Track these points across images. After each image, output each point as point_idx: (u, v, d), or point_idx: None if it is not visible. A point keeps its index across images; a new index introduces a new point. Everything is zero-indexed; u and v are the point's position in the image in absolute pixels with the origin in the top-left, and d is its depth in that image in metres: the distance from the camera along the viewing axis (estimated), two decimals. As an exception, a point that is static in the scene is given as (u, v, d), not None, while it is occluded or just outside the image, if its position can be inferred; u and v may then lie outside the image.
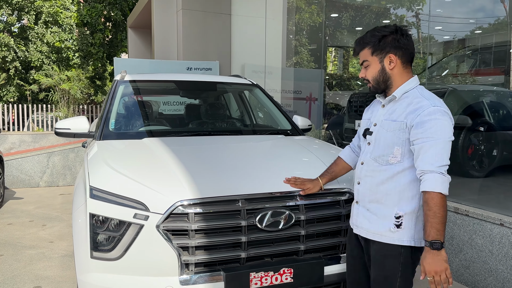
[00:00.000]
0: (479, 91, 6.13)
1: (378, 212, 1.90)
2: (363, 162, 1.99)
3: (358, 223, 2.00)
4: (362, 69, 1.94)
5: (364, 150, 2.02)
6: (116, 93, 3.50)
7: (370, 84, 1.95)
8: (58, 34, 17.39)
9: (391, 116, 1.88)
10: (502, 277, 3.14)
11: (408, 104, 1.84)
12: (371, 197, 1.93)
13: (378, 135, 1.92)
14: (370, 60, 1.90)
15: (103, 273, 2.11)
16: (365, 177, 1.96)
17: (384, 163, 1.88)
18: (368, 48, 1.89)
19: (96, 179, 2.28)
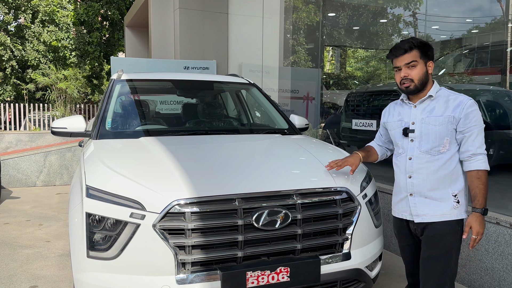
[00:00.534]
0: (475, 90, 6.15)
1: (438, 196, 2.16)
2: (411, 157, 2.21)
3: (418, 212, 2.21)
4: (404, 69, 2.15)
5: (406, 147, 2.24)
6: (112, 92, 3.49)
7: (411, 84, 2.16)
8: (54, 33, 17.33)
9: (434, 113, 2.16)
10: (498, 275, 3.16)
11: (446, 101, 2.16)
12: (429, 185, 2.17)
13: (424, 131, 2.17)
14: (419, 61, 2.14)
15: (99, 272, 2.10)
16: (418, 169, 2.19)
17: (436, 154, 2.16)
18: (416, 50, 2.13)
19: (93, 178, 2.28)
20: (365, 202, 2.49)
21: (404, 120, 2.27)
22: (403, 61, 2.16)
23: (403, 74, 2.16)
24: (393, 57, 2.21)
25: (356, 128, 6.15)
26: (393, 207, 2.40)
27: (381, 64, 14.94)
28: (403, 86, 2.19)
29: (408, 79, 2.16)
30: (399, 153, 2.30)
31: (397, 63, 2.19)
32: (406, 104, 2.29)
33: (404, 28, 13.20)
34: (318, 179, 2.44)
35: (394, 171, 2.37)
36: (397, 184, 2.34)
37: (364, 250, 2.44)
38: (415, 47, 2.14)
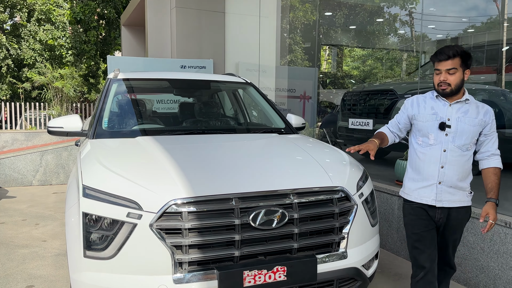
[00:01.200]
0: (471, 89, 6.16)
1: (460, 186, 2.47)
2: (445, 149, 2.44)
3: (442, 198, 2.46)
4: (444, 73, 2.37)
5: (441, 140, 2.45)
6: (109, 91, 3.48)
7: (448, 87, 2.38)
8: (51, 32, 17.26)
9: (468, 115, 2.43)
10: (493, 274, 3.18)
11: (477, 107, 2.46)
12: (458, 176, 2.45)
13: (459, 128, 2.42)
14: (458, 69, 2.36)
15: (96, 272, 2.10)
16: (451, 161, 2.43)
17: (465, 150, 2.44)
18: (459, 58, 2.34)
19: (89, 178, 2.27)
20: (361, 201, 2.50)
21: (439, 115, 2.46)
22: (445, 67, 2.36)
23: (442, 78, 2.38)
24: (436, 60, 2.40)
25: (353, 127, 6.16)
26: (411, 192, 2.56)
27: (378, 63, 14.97)
28: (440, 88, 2.40)
29: (446, 83, 2.37)
30: (430, 144, 2.48)
31: (439, 66, 2.39)
32: (441, 100, 2.48)
33: (400, 27, 13.24)
34: (315, 179, 2.45)
35: (418, 159, 2.52)
36: (422, 172, 2.50)
37: (360, 249, 2.45)
38: (458, 55, 2.34)
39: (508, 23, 7.65)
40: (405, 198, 2.60)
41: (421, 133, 2.53)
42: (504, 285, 3.10)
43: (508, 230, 3.06)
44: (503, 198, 4.08)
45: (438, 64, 2.39)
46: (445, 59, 2.34)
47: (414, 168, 2.56)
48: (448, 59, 2.34)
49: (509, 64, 6.82)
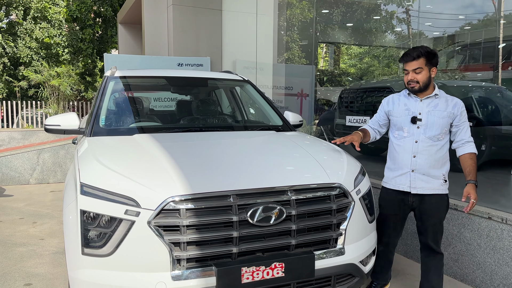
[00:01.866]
0: (467, 86, 6.19)
1: (433, 174, 2.71)
2: (417, 140, 2.71)
3: (416, 185, 2.73)
4: (411, 73, 2.65)
5: (413, 132, 2.72)
6: (106, 89, 3.47)
7: (416, 85, 2.66)
8: (47, 30, 17.18)
9: (437, 108, 2.69)
10: (490, 269, 3.20)
11: (446, 100, 2.72)
12: (429, 164, 2.69)
13: (429, 121, 2.68)
14: (424, 68, 2.63)
15: (94, 269, 2.10)
16: (422, 151, 2.69)
17: (436, 140, 2.69)
18: (423, 58, 2.62)
19: (87, 176, 2.27)
20: (358, 197, 2.51)
21: (411, 110, 2.75)
22: (412, 67, 2.65)
23: (410, 77, 2.66)
24: (403, 62, 2.69)
25: (350, 124, 6.18)
26: (389, 180, 2.87)
27: (375, 61, 14.99)
28: (410, 86, 2.69)
29: (414, 81, 2.66)
30: (404, 136, 2.76)
31: (406, 67, 2.68)
32: (412, 97, 2.77)
33: (397, 24, 13.25)
34: (312, 175, 2.45)
35: (395, 150, 2.82)
36: (397, 162, 2.79)
37: (358, 245, 2.46)
38: (422, 55, 2.61)
39: (504, 21, 7.68)
40: (384, 186, 2.93)
41: (396, 127, 2.82)
42: (500, 280, 3.12)
43: (504, 226, 3.08)
44: (499, 194, 4.12)
45: (406, 65, 2.67)
46: (410, 60, 2.63)
47: (391, 158, 2.86)
48: (413, 60, 2.63)
49: (506, 61, 6.85)
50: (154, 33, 8.16)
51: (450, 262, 3.51)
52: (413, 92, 2.72)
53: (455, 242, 3.46)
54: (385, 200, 2.91)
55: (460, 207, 3.40)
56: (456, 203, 3.45)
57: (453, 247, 3.48)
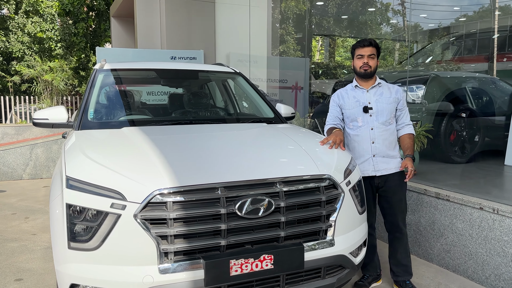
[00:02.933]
0: (461, 77, 6.17)
1: (391, 155, 2.97)
2: (372, 127, 2.95)
3: (379, 168, 2.96)
4: (366, 57, 2.90)
5: (367, 121, 2.95)
6: (95, 82, 3.43)
7: (369, 69, 2.90)
8: (39, 24, 17.01)
9: (383, 96, 2.96)
10: (481, 260, 3.20)
11: (388, 88, 3.01)
12: (386, 147, 2.95)
13: (379, 108, 2.94)
14: (375, 55, 2.92)
15: (81, 263, 2.08)
16: (379, 136, 2.94)
17: (387, 125, 2.96)
18: (374, 48, 2.92)
19: (73, 169, 2.24)
20: (348, 189, 2.49)
21: (360, 101, 2.98)
22: (367, 52, 2.90)
23: (365, 60, 2.90)
24: (360, 46, 2.91)
25: (344, 116, 6.14)
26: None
27: (370, 53, 14.91)
28: (363, 69, 2.91)
29: (368, 65, 2.90)
30: (359, 126, 2.98)
31: (362, 52, 2.91)
32: (359, 89, 3.02)
33: (392, 16, 13.20)
34: (301, 167, 2.43)
35: (354, 141, 3.02)
36: (359, 150, 3.00)
37: (348, 236, 2.45)
38: (374, 45, 2.92)
39: (499, 12, 7.66)
40: None
41: (349, 119, 3.03)
42: (492, 270, 3.12)
43: (496, 216, 3.08)
44: (491, 185, 4.12)
45: (362, 49, 2.90)
46: (367, 45, 2.88)
47: (351, 148, 3.04)
48: (369, 45, 2.89)
49: (500, 53, 6.83)
50: (147, 27, 8.09)
51: (442, 253, 3.51)
52: (364, 76, 2.93)
53: (447, 233, 3.46)
54: None
55: (452, 198, 3.40)
56: (449, 193, 3.44)
57: (445, 238, 3.48)
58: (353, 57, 2.98)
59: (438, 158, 5.00)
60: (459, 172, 4.59)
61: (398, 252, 3.03)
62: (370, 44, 2.89)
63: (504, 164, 4.67)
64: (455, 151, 5.07)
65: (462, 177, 4.34)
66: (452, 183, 4.04)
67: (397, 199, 2.98)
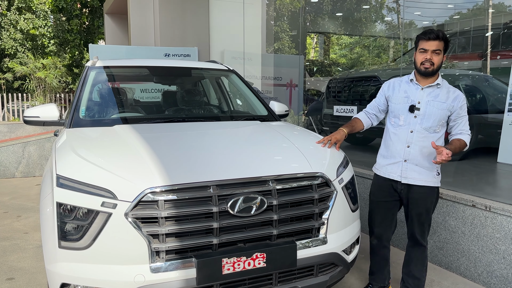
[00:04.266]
0: (455, 75, 6.19)
1: (426, 165, 2.64)
2: (412, 130, 2.64)
3: (408, 175, 2.67)
4: (429, 53, 2.51)
5: (409, 122, 2.64)
6: (86, 79, 3.40)
7: (431, 67, 2.53)
8: (32, 21, 16.86)
9: (438, 98, 2.60)
10: (474, 257, 3.21)
11: (447, 92, 2.61)
12: (422, 156, 2.62)
13: (427, 111, 2.59)
14: (442, 51, 2.53)
15: (71, 262, 2.06)
16: (417, 142, 2.63)
17: (432, 132, 2.61)
18: (443, 42, 2.51)
19: (63, 168, 2.22)
20: (341, 187, 2.49)
21: (410, 98, 2.65)
22: (432, 47, 2.51)
23: (428, 56, 2.52)
24: (425, 39, 2.52)
25: (338, 114, 6.15)
26: (380, 168, 2.82)
27: (365, 50, 14.96)
28: (423, 66, 2.54)
29: (430, 61, 2.52)
30: (400, 125, 2.69)
31: (426, 46, 2.52)
32: (414, 84, 2.67)
33: (387, 14, 13.21)
34: (294, 165, 2.42)
35: (390, 139, 2.75)
36: (391, 150, 2.74)
37: (340, 234, 2.45)
38: (443, 38, 2.51)
39: (493, 10, 7.68)
40: (376, 173, 2.87)
41: (393, 114, 2.75)
42: (484, 267, 3.14)
43: (488, 214, 3.09)
44: (484, 182, 4.14)
45: (427, 43, 2.51)
46: (434, 38, 2.49)
47: (386, 145, 2.79)
48: (436, 39, 2.49)
49: (494, 50, 6.86)
50: (140, 23, 8.03)
51: (435, 250, 3.52)
52: (424, 74, 2.58)
53: (440, 230, 3.47)
54: (375, 186, 2.86)
55: (445, 195, 3.41)
56: (442, 191, 3.45)
57: (438, 235, 3.49)
58: (416, 49, 2.61)
59: (431, 156, 5.00)
60: (452, 169, 4.60)
61: (412, 262, 2.80)
62: (437, 37, 2.49)
63: (497, 162, 4.69)
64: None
65: (455, 175, 4.36)
66: (445, 180, 4.04)
67: (417, 212, 2.69)
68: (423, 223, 2.72)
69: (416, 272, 2.79)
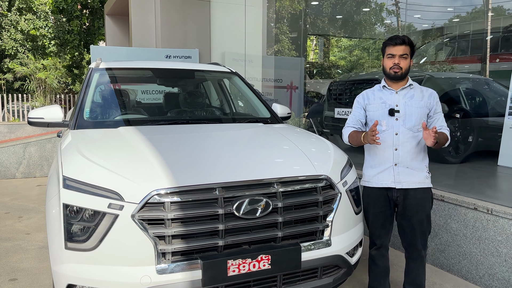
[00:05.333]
0: (455, 78, 6.21)
1: (416, 166, 2.63)
2: (397, 133, 2.62)
3: (401, 180, 2.63)
4: (397, 57, 2.57)
5: (392, 125, 2.63)
6: (90, 81, 3.41)
7: (400, 71, 2.59)
8: (32, 22, 16.86)
9: (414, 98, 2.64)
10: (475, 260, 3.23)
11: (421, 91, 2.68)
12: (411, 156, 2.62)
13: (407, 111, 2.62)
14: (408, 55, 2.59)
15: (78, 263, 2.07)
16: (404, 143, 2.61)
17: (416, 131, 2.61)
18: (409, 46, 2.58)
19: (70, 169, 2.23)
20: (345, 189, 2.50)
21: (387, 103, 2.67)
22: (399, 52, 2.57)
23: (396, 61, 2.58)
24: (392, 45, 2.58)
25: (339, 116, 6.18)
26: (371, 179, 2.74)
27: (364, 53, 15.00)
28: (393, 70, 2.59)
29: (399, 66, 2.58)
30: (383, 130, 2.64)
31: (393, 51, 2.58)
32: (387, 90, 2.70)
33: (387, 17, 13.26)
34: (299, 167, 2.44)
35: (375, 146, 2.66)
36: (379, 157, 2.69)
37: (344, 236, 2.46)
38: (408, 43, 2.57)
39: (492, 13, 7.72)
40: (365, 186, 2.77)
41: (373, 122, 2.64)
42: (485, 270, 3.15)
43: (490, 217, 3.11)
44: (485, 185, 4.16)
45: (393, 48, 2.58)
46: (400, 43, 2.56)
47: (371, 155, 2.76)
48: (402, 44, 2.56)
49: (493, 54, 6.89)
50: (142, 25, 8.05)
51: (436, 253, 3.54)
52: (393, 79, 2.62)
53: (441, 233, 3.49)
54: (369, 197, 2.75)
55: (447, 198, 3.42)
56: (443, 194, 3.47)
57: (439, 238, 3.50)
58: (383, 55, 2.65)
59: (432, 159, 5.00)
60: (453, 172, 4.62)
61: (414, 271, 2.75)
62: (403, 42, 2.55)
63: (497, 165, 4.71)
64: (449, 151, 5.11)
65: (456, 178, 4.38)
66: (447, 183, 4.07)
67: (418, 219, 2.63)
68: (425, 231, 2.68)
69: (418, 280, 2.76)
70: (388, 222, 2.76)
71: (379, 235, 2.78)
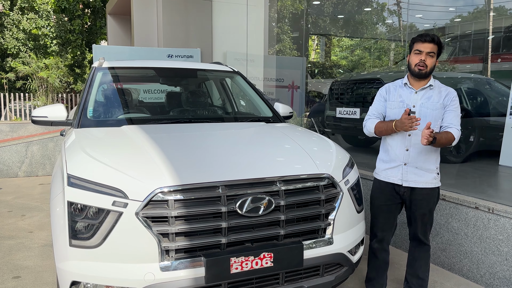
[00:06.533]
0: (457, 78, 6.22)
1: (426, 167, 2.67)
2: (410, 134, 2.64)
3: (408, 178, 2.69)
4: (424, 54, 2.56)
5: None
6: (94, 80, 3.43)
7: (424, 69, 2.58)
8: (34, 21, 16.90)
9: (431, 100, 2.64)
10: (476, 258, 3.24)
11: (439, 92, 2.66)
12: (422, 158, 2.65)
13: (422, 113, 2.62)
14: (435, 54, 2.58)
15: (82, 261, 2.09)
16: (415, 144, 2.64)
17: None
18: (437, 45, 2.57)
19: (74, 167, 2.25)
20: (347, 188, 2.52)
21: (405, 102, 2.69)
22: (427, 49, 2.56)
23: (422, 57, 2.57)
24: (421, 41, 2.57)
25: (340, 116, 6.19)
26: (380, 172, 2.83)
27: (366, 53, 15.00)
28: (417, 67, 2.59)
29: (424, 64, 2.57)
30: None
31: (421, 47, 2.57)
32: (408, 88, 2.72)
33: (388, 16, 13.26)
34: (301, 166, 2.46)
35: (388, 143, 2.76)
36: (390, 155, 2.75)
37: (346, 235, 2.48)
38: (437, 42, 2.57)
39: (494, 13, 7.72)
40: (375, 177, 2.88)
41: (389, 118, 2.74)
42: (487, 269, 3.17)
43: (491, 216, 3.12)
44: (486, 184, 4.17)
45: (422, 45, 2.57)
46: (429, 41, 2.55)
47: (384, 150, 2.81)
48: (431, 42, 2.55)
49: (495, 54, 6.90)
50: (143, 24, 8.07)
51: (437, 252, 3.55)
52: (418, 76, 2.61)
53: (442, 232, 3.50)
54: (377, 190, 2.86)
55: (448, 197, 3.44)
56: (445, 193, 3.48)
57: (440, 237, 3.52)
58: (410, 51, 2.65)
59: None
60: (455, 171, 4.64)
61: (416, 262, 2.84)
62: (432, 40, 2.54)
63: (498, 164, 4.72)
64: (450, 151, 5.12)
65: (457, 177, 4.39)
66: (448, 182, 4.08)
67: (421, 213, 2.73)
68: (426, 223, 2.77)
69: (420, 272, 2.83)
70: (392, 216, 2.83)
71: (382, 227, 2.85)
